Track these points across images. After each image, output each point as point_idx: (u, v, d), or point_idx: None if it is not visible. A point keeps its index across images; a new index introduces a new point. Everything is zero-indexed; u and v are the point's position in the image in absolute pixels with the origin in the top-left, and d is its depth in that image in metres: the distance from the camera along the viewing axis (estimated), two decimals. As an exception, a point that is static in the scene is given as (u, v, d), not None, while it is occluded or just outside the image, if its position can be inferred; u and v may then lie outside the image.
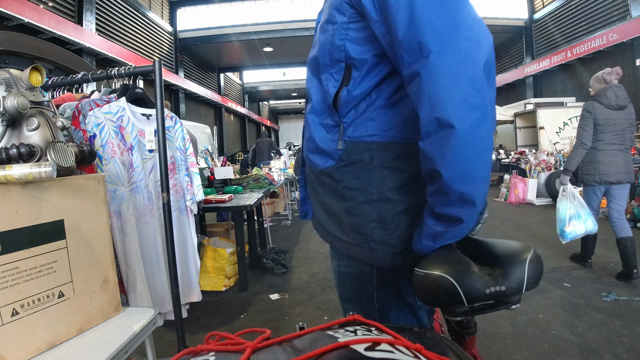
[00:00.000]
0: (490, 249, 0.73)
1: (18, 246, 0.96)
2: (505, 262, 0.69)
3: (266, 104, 38.98)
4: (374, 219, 0.85)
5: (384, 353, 0.42)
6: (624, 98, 3.44)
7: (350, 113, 0.87)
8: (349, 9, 0.82)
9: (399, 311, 0.92)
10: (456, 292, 0.65)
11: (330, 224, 0.94)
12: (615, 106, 3.41)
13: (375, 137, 0.84)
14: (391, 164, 0.84)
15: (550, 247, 4.58)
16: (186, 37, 18.24)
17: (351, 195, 0.87)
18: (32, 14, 8.53)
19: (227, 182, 4.27)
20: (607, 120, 3.41)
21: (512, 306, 0.72)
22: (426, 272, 0.69)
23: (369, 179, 0.85)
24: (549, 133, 9.66)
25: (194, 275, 2.15)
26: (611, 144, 3.43)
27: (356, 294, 0.95)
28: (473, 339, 0.96)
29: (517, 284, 0.67)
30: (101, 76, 1.79)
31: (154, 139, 1.87)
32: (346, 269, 0.96)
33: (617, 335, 2.47)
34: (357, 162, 0.86)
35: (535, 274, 0.68)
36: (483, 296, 0.66)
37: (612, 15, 12.89)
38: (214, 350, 0.50)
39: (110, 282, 1.21)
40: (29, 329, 0.98)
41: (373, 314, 0.93)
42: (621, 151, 3.43)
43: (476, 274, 0.66)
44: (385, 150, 0.84)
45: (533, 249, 0.71)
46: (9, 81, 1.12)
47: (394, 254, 0.85)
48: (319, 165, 0.93)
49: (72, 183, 1.12)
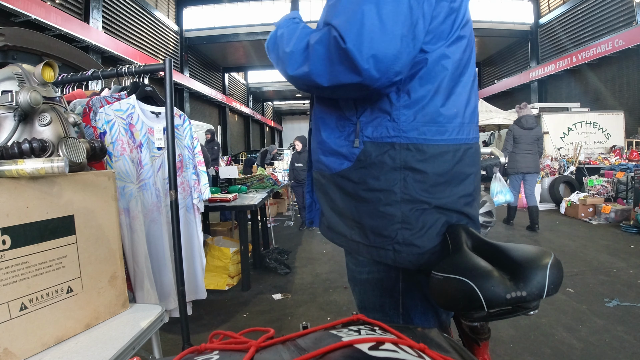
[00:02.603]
0: (509, 254, 0.72)
1: (28, 241, 0.96)
2: (526, 267, 0.67)
3: (270, 105, 39.04)
4: (398, 220, 0.84)
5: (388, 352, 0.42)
6: (532, 122, 5.53)
7: (367, 111, 0.86)
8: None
9: (423, 314, 0.91)
10: (476, 297, 0.64)
11: (346, 228, 0.92)
12: (526, 127, 5.50)
13: (397, 138, 0.84)
14: (413, 165, 0.83)
15: (554, 253, 4.55)
16: (192, 37, 18.30)
17: (373, 197, 0.86)
18: (39, 11, 8.58)
19: (232, 182, 4.28)
20: (521, 136, 5.50)
21: (530, 312, 0.70)
22: (445, 275, 0.68)
23: (392, 179, 0.84)
24: (553, 138, 9.62)
25: (200, 273, 2.16)
26: (524, 150, 5.51)
27: (379, 300, 0.94)
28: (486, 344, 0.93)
29: (539, 290, 0.65)
30: (111, 74, 1.79)
31: (162, 137, 1.88)
32: (369, 275, 0.94)
33: (620, 340, 2.46)
34: (377, 164, 0.85)
35: (557, 280, 0.67)
36: (504, 301, 0.65)
37: (618, 21, 12.87)
38: (217, 349, 0.50)
39: (118, 279, 1.22)
40: (37, 324, 0.98)
41: (397, 320, 0.92)
42: (531, 154, 5.53)
43: (497, 279, 0.65)
44: (407, 151, 0.83)
45: (554, 254, 0.70)
46: (21, 76, 1.12)
47: (420, 254, 0.85)
48: (333, 168, 0.92)
49: (83, 179, 1.12)
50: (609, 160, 8.38)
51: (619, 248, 4.68)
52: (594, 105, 13.07)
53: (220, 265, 3.70)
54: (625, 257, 4.28)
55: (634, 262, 4.12)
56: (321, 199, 1.01)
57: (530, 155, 5.50)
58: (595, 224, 6.15)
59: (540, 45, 17.66)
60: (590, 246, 4.81)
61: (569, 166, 8.27)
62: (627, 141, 9.81)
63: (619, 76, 12.93)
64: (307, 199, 1.15)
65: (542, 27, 17.40)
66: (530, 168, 5.53)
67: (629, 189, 6.67)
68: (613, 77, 13.19)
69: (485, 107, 12.44)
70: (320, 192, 1.00)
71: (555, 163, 8.37)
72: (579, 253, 4.52)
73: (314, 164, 1.01)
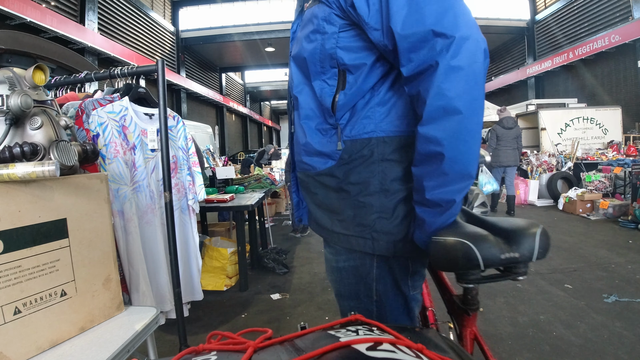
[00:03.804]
0: (501, 225, 0.80)
1: (21, 245, 0.96)
2: (518, 233, 0.76)
3: (268, 104, 39.00)
4: (376, 210, 0.89)
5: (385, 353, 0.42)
6: (512, 123, 6.59)
7: (346, 114, 0.92)
8: (339, 19, 0.87)
9: (394, 301, 0.96)
10: (474, 256, 0.72)
11: (329, 221, 0.97)
12: (507, 127, 6.52)
13: (373, 133, 0.89)
14: (390, 157, 0.89)
15: (552, 249, 4.53)
16: (188, 37, 18.25)
17: (354, 189, 0.91)
18: (35, 13, 8.54)
19: (229, 182, 4.27)
20: (502, 134, 6.51)
21: (519, 277, 0.79)
22: (446, 238, 0.75)
23: (371, 172, 0.89)
24: (551, 134, 9.64)
25: (196, 274, 2.15)
26: (505, 146, 6.51)
27: (354, 288, 0.98)
28: (475, 316, 1.03)
29: (529, 252, 0.74)
30: (104, 75, 1.79)
31: (156, 139, 1.87)
32: (345, 263, 0.98)
33: (618, 336, 2.47)
34: (358, 159, 0.90)
35: (545, 245, 0.76)
36: (499, 261, 0.73)
37: (614, 16, 12.88)
38: (215, 349, 0.51)
39: (113, 281, 1.21)
40: (31, 328, 0.98)
41: (370, 308, 0.97)
42: (511, 150, 6.52)
43: (493, 241, 0.74)
44: (383, 144, 0.89)
45: (542, 225, 0.78)
46: (12, 80, 1.12)
47: (396, 242, 0.89)
48: (317, 168, 0.97)
49: (75, 182, 1.12)
50: (607, 156, 8.40)
51: (617, 243, 4.69)
52: (591, 101, 13.08)
53: (218, 265, 3.69)
54: (623, 253, 4.30)
55: (632, 257, 4.13)
56: (306, 196, 1.06)
57: (511, 151, 6.50)
58: (593, 219, 6.17)
59: (537, 41, 17.66)
60: (589, 242, 4.83)
61: (567, 162, 8.29)
62: (625, 136, 9.83)
63: (616, 71, 12.93)
64: (293, 198, 1.20)
65: (538, 23, 17.40)
66: (511, 162, 6.55)
67: (627, 184, 6.68)
68: (610, 72, 13.20)
69: (483, 104, 12.45)
70: (305, 190, 1.05)
71: (552, 159, 8.38)
72: (577, 249, 4.53)
73: (298, 165, 1.06)
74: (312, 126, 0.97)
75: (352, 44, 0.88)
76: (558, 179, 7.79)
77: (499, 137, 6.50)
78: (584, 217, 6.35)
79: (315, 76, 0.93)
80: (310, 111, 0.97)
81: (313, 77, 0.94)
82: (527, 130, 11.40)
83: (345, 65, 0.88)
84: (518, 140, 6.55)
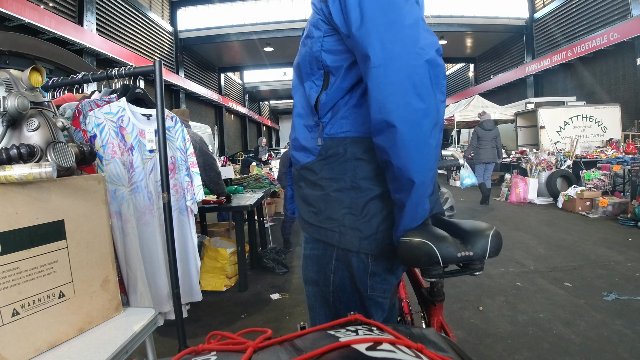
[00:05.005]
0: (461, 227, 0.89)
1: (18, 246, 0.96)
2: (472, 234, 0.86)
3: (267, 104, 39.01)
4: (346, 205, 0.94)
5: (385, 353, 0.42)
6: (492, 125, 7.61)
7: (328, 113, 0.98)
8: (324, 25, 0.94)
9: (350, 296, 1.00)
10: (434, 254, 0.81)
11: (307, 213, 1.03)
12: (487, 129, 7.49)
13: (349, 132, 0.95)
14: (362, 156, 0.94)
15: (552, 247, 4.58)
16: (187, 37, 18.25)
17: (327, 184, 0.97)
18: (33, 15, 8.54)
19: (228, 182, 4.27)
20: (483, 135, 7.46)
21: (475, 272, 0.88)
22: (411, 239, 0.84)
23: (343, 169, 0.95)
24: (550, 132, 9.65)
25: (195, 275, 2.15)
26: (486, 146, 7.46)
27: (316, 275, 1.04)
28: (441, 306, 1.17)
29: (482, 251, 0.84)
30: (101, 76, 1.78)
31: (154, 139, 1.87)
32: (311, 252, 1.05)
33: (618, 334, 2.47)
34: (333, 156, 0.96)
35: (496, 245, 0.85)
36: (456, 259, 0.83)
37: (612, 14, 12.87)
38: (215, 349, 0.50)
39: (111, 282, 1.22)
40: (29, 329, 0.98)
41: (328, 297, 1.03)
42: (491, 148, 7.47)
43: (451, 242, 0.83)
44: (356, 144, 0.94)
45: (495, 227, 0.88)
46: (9, 82, 1.12)
47: (362, 238, 0.94)
48: (301, 162, 1.03)
49: (73, 183, 1.12)
50: (606, 154, 8.41)
51: (616, 241, 4.70)
52: (590, 99, 13.08)
53: (217, 266, 3.69)
54: (623, 250, 4.30)
55: (631, 255, 4.13)
56: (295, 189, 1.12)
57: (490, 150, 7.50)
58: (593, 217, 6.17)
59: (536, 39, 17.65)
60: (588, 240, 4.83)
61: (566, 160, 8.29)
62: (624, 134, 9.84)
63: (615, 69, 12.93)
64: (288, 191, 1.25)
65: (537, 21, 17.39)
66: (490, 159, 7.55)
67: (626, 182, 6.68)
68: (608, 70, 13.19)
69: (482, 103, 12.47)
70: (295, 183, 1.12)
71: (552, 157, 8.38)
72: (577, 247, 4.54)
73: (292, 159, 1.13)
74: (302, 123, 1.05)
75: (334, 47, 0.94)
76: (557, 177, 7.79)
77: (480, 137, 7.46)
78: (584, 215, 6.35)
79: (306, 77, 1.01)
80: (301, 109, 1.06)
81: (305, 78, 1.01)
82: (526, 128, 11.44)
83: (328, 67, 0.95)
84: (497, 140, 7.51)
